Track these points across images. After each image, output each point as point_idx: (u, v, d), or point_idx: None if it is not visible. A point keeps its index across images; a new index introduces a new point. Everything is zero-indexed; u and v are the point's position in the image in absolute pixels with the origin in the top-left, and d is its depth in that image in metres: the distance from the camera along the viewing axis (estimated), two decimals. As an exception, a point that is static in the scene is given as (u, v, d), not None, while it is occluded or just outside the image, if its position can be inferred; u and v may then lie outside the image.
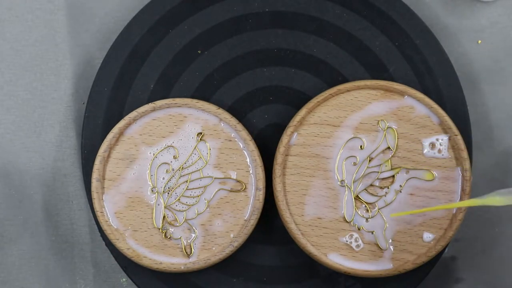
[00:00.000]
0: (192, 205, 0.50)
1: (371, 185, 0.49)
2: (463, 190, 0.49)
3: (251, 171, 0.50)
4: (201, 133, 0.50)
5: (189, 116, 0.50)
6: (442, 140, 0.50)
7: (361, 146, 0.50)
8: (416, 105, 0.50)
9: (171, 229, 0.49)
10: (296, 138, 0.50)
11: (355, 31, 0.53)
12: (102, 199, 0.50)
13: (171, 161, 0.50)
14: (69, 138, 0.54)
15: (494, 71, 0.54)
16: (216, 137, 0.50)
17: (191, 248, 0.49)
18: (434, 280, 0.52)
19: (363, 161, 0.50)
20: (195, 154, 0.50)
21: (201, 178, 0.50)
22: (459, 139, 0.49)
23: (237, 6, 0.53)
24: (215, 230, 0.49)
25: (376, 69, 0.52)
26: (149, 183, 0.50)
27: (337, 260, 0.49)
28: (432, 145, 0.50)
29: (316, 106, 0.50)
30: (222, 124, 0.50)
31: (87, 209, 0.53)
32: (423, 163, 0.49)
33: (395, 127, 0.50)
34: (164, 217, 0.49)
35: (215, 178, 0.50)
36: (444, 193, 0.49)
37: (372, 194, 0.49)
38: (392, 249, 0.49)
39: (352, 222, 0.49)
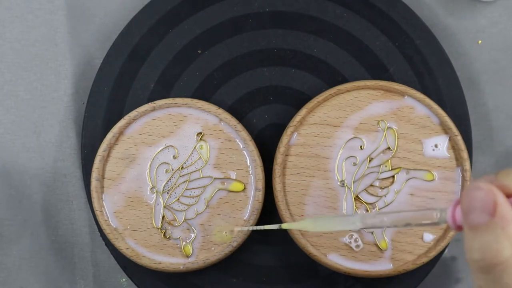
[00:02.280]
0: (192, 205, 0.50)
1: (371, 185, 0.49)
2: (463, 190, 0.49)
3: (250, 171, 0.50)
4: (201, 133, 0.50)
5: (189, 116, 0.50)
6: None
7: (361, 146, 0.50)
8: (416, 105, 0.50)
9: (170, 229, 0.49)
10: (296, 138, 0.50)
11: (355, 31, 0.53)
12: (102, 198, 0.50)
13: (171, 161, 0.50)
14: (69, 138, 0.54)
15: (494, 71, 0.54)
16: (216, 137, 0.50)
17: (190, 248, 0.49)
18: (434, 280, 0.52)
19: (363, 161, 0.50)
20: (194, 154, 0.50)
21: (201, 178, 0.50)
22: (459, 139, 0.49)
23: (237, 6, 0.53)
24: (214, 230, 0.49)
25: (376, 69, 0.52)
26: (149, 182, 0.50)
27: (337, 260, 0.49)
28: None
29: (316, 106, 0.50)
30: (222, 124, 0.50)
31: (87, 209, 0.53)
32: (423, 164, 0.49)
33: (395, 127, 0.50)
34: (163, 217, 0.49)
35: (214, 178, 0.50)
36: (444, 193, 0.49)
37: (372, 195, 0.49)
38: (392, 249, 0.49)
39: (352, 222, 0.49)
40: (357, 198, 0.49)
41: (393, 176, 0.49)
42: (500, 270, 0.27)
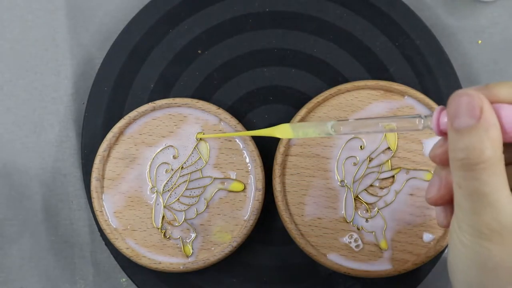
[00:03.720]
0: (192, 205, 0.50)
1: (371, 185, 0.49)
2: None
3: (250, 171, 0.50)
4: (201, 133, 0.50)
5: (189, 116, 0.50)
6: None
7: (361, 146, 0.50)
8: (416, 106, 0.50)
9: (170, 229, 0.49)
10: (296, 138, 0.50)
11: (355, 31, 0.53)
12: (102, 198, 0.50)
13: (171, 161, 0.50)
14: (69, 138, 0.54)
15: (494, 71, 0.54)
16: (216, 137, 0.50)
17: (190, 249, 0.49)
18: (434, 281, 0.52)
19: (363, 161, 0.50)
20: (194, 154, 0.50)
21: (201, 178, 0.50)
22: (459, 139, 0.49)
23: (237, 6, 0.53)
24: (214, 230, 0.49)
25: (376, 69, 0.52)
26: (149, 182, 0.50)
27: (337, 260, 0.49)
28: None
29: (316, 106, 0.50)
30: (222, 124, 0.50)
31: (87, 209, 0.53)
32: (423, 164, 0.49)
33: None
34: (163, 217, 0.49)
35: (214, 178, 0.50)
36: (444, 193, 0.49)
37: (372, 195, 0.49)
38: (392, 249, 0.49)
39: (352, 223, 0.49)
40: (357, 198, 0.49)
41: (393, 176, 0.49)
42: (481, 169, 0.30)
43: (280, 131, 0.40)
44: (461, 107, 0.30)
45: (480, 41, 0.54)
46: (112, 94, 0.52)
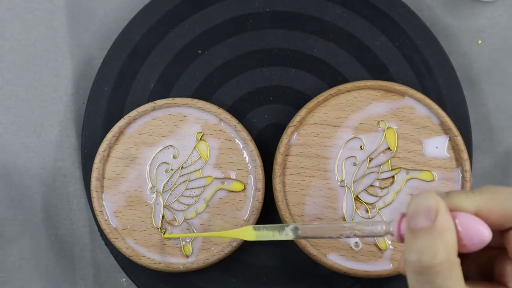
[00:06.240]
0: (192, 204, 0.50)
1: (371, 185, 0.49)
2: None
3: (250, 171, 0.50)
4: (201, 133, 0.50)
5: (189, 116, 0.50)
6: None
7: (361, 147, 0.50)
8: (416, 106, 0.50)
9: (170, 229, 0.49)
10: (296, 138, 0.50)
11: (355, 31, 0.53)
12: (102, 198, 0.50)
13: (171, 161, 0.50)
14: (69, 138, 0.54)
15: (494, 71, 0.54)
16: (216, 137, 0.50)
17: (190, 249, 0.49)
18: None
19: (363, 161, 0.50)
20: (194, 153, 0.50)
21: (201, 177, 0.50)
22: (459, 139, 0.49)
23: (237, 6, 0.53)
24: (214, 230, 0.49)
25: (376, 70, 0.52)
26: (149, 182, 0.50)
27: (336, 260, 0.49)
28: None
29: (316, 106, 0.50)
30: (222, 124, 0.50)
31: (87, 209, 0.53)
32: (423, 164, 0.49)
33: (395, 127, 0.50)
34: (163, 216, 0.49)
35: (214, 178, 0.50)
36: (444, 193, 0.49)
37: (372, 195, 0.49)
38: (391, 249, 0.49)
39: (352, 223, 0.49)
40: (357, 198, 0.49)
41: (393, 176, 0.49)
42: (434, 272, 0.29)
43: (244, 233, 0.41)
44: (418, 209, 0.30)
45: (480, 41, 0.54)
46: (112, 94, 0.52)
